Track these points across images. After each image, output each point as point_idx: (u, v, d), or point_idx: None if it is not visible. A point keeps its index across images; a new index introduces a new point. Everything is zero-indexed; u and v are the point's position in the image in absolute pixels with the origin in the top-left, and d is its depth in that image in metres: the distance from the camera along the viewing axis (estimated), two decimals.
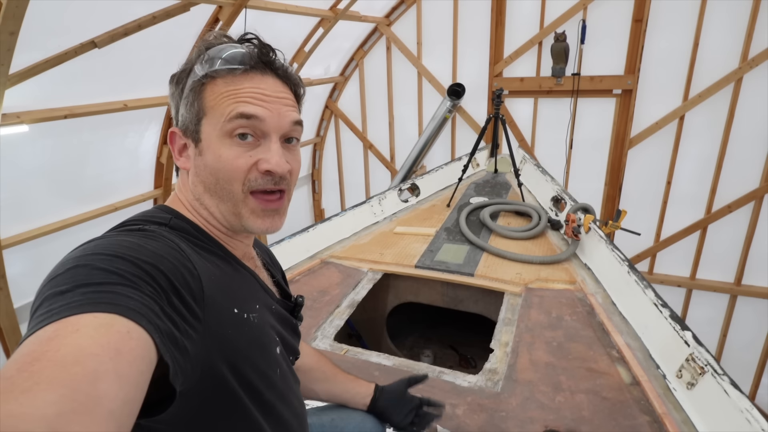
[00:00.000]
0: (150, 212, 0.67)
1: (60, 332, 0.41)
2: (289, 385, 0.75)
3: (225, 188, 0.66)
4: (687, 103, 4.65)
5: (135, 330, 0.44)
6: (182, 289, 0.53)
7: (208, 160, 0.66)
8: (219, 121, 0.65)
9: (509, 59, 5.24)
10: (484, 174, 3.66)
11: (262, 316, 0.69)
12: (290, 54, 4.86)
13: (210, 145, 0.66)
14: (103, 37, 2.73)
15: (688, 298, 5.20)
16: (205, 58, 0.67)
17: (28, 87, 2.59)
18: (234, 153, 0.66)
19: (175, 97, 0.70)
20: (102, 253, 0.50)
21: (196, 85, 0.67)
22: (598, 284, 2.07)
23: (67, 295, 0.44)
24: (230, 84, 0.66)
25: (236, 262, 0.71)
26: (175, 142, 0.71)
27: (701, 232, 4.98)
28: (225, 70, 0.66)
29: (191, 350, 0.51)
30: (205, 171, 0.67)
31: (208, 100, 0.66)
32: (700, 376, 1.37)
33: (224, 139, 0.66)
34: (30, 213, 3.14)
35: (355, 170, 6.83)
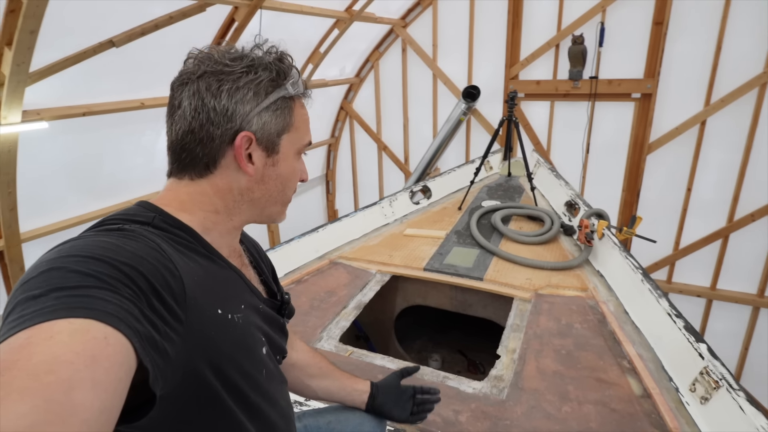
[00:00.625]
0: (131, 210, 0.64)
1: (33, 339, 0.39)
2: (276, 386, 0.74)
3: (286, 194, 0.76)
4: (709, 108, 4.53)
5: (112, 335, 0.42)
6: (163, 291, 0.51)
7: (284, 172, 0.73)
8: (299, 142, 0.75)
9: (525, 62, 5.18)
10: (497, 177, 3.61)
11: (247, 317, 0.68)
12: (305, 55, 4.89)
13: (287, 159, 0.73)
14: (120, 36, 2.78)
15: (708, 309, 5.06)
16: (294, 81, 0.72)
17: (48, 85, 2.66)
18: (299, 168, 0.77)
19: (245, 98, 0.66)
20: (77, 255, 0.49)
21: (288, 102, 0.71)
22: (611, 292, 2.02)
23: (40, 300, 0.43)
24: (302, 108, 0.75)
25: (222, 261, 0.69)
26: (243, 145, 0.67)
27: (722, 241, 4.84)
28: (302, 94, 0.74)
29: (172, 353, 0.50)
30: (277, 180, 0.73)
31: (295, 119, 0.73)
32: (714, 391, 1.32)
33: (297, 156, 0.76)
34: (49, 208, 3.21)
35: (369, 171, 6.83)
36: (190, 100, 0.66)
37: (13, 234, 2.88)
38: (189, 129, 0.66)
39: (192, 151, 0.67)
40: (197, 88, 0.65)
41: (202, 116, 0.65)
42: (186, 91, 0.66)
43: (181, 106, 0.66)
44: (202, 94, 0.65)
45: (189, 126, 0.66)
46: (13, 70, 2.30)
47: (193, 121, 0.66)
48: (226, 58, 0.67)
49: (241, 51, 0.69)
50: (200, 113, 0.65)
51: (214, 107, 0.65)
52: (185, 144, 0.67)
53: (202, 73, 0.66)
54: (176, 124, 0.67)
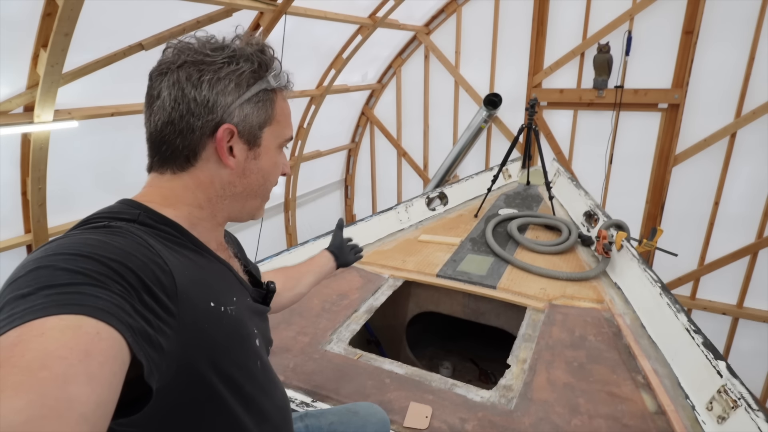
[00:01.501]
0: (115, 208, 0.64)
1: (24, 337, 0.39)
2: (271, 377, 0.75)
3: (267, 188, 0.75)
4: (739, 119, 4.39)
5: (105, 330, 0.42)
6: (153, 286, 0.51)
7: (265, 166, 0.73)
8: (280, 136, 0.74)
9: (549, 70, 5.13)
10: (516, 185, 3.57)
11: (240, 308, 0.68)
12: (328, 60, 4.95)
13: (268, 152, 0.73)
14: (150, 40, 2.87)
15: (734, 328, 4.87)
16: (276, 73, 0.71)
17: (80, 85, 2.77)
18: (281, 161, 0.76)
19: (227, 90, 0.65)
20: (65, 253, 0.48)
21: (269, 95, 0.70)
22: (627, 305, 1.97)
23: (29, 298, 0.42)
24: (283, 101, 0.74)
25: (210, 254, 0.69)
26: (224, 138, 0.66)
27: (751, 258, 4.66)
28: (283, 87, 0.73)
29: (166, 347, 0.50)
30: (258, 174, 0.72)
31: (276, 112, 0.72)
32: (732, 410, 1.27)
33: (278, 149, 0.75)
34: (76, 204, 3.32)
35: (388, 177, 6.85)
36: (169, 91, 0.64)
37: (42, 228, 2.99)
38: (168, 120, 0.64)
39: (172, 143, 0.65)
40: (177, 78, 0.64)
41: (182, 107, 0.64)
42: (165, 81, 0.64)
43: (160, 97, 0.64)
44: (182, 84, 0.63)
45: (168, 117, 0.64)
46: (47, 71, 2.40)
47: (172, 112, 0.64)
48: (207, 48, 0.65)
49: (222, 41, 0.67)
50: (180, 104, 0.64)
51: (194, 98, 0.64)
52: (165, 136, 0.65)
53: (182, 62, 0.64)
54: (155, 114, 0.65)
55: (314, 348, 1.76)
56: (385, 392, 1.51)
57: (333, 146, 6.39)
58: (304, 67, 4.79)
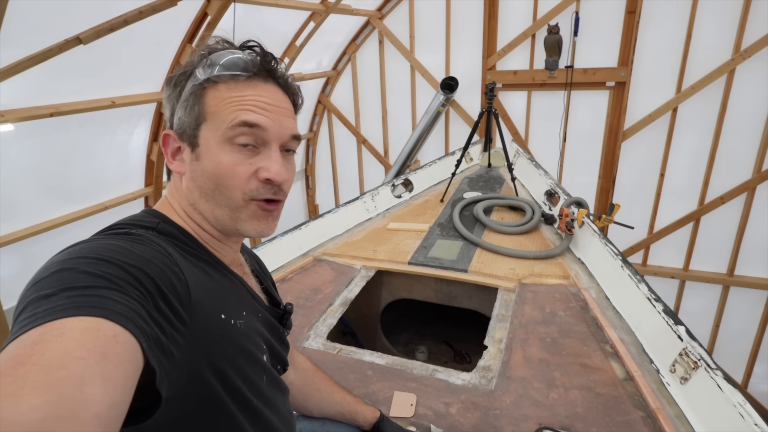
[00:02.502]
0: (137, 216, 0.66)
1: (45, 336, 0.40)
2: (278, 394, 0.74)
3: (224, 194, 0.67)
4: (680, 95, 4.64)
5: (121, 334, 0.43)
6: (169, 294, 0.52)
7: (207, 166, 0.67)
8: (220, 127, 0.66)
9: (502, 52, 5.21)
10: (478, 168, 3.64)
11: (249, 323, 0.68)
12: (281, 49, 4.81)
13: (209, 151, 0.66)
14: (88, 33, 2.67)
15: (681, 290, 5.23)
16: (208, 63, 0.67)
17: (12, 85, 2.54)
18: (234, 160, 0.66)
19: (171, 99, 0.69)
20: (88, 257, 0.50)
21: (197, 89, 0.67)
22: (592, 279, 2.07)
23: (52, 299, 0.44)
24: (232, 90, 0.66)
25: (224, 268, 0.70)
26: (169, 145, 0.70)
27: (694, 224, 5.00)
28: (228, 76, 0.66)
29: (177, 355, 0.51)
30: (203, 176, 0.67)
31: (209, 105, 0.66)
32: (693, 371, 1.37)
33: (224, 145, 0.66)
34: (18, 213, 3.09)
35: (348, 165, 6.79)
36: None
37: None
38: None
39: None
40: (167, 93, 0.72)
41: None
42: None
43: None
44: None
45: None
46: None
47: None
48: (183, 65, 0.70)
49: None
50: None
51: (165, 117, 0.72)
52: None
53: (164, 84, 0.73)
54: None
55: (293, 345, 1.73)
56: (369, 384, 1.51)
57: None
58: None
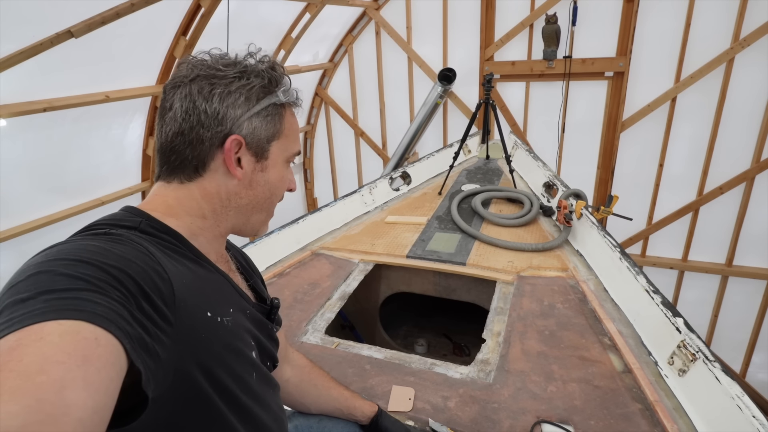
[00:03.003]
0: (117, 215, 0.65)
1: (22, 341, 0.39)
2: (268, 390, 0.74)
3: (273, 202, 0.77)
4: (679, 84, 4.61)
5: (103, 336, 0.42)
6: (152, 293, 0.52)
7: (272, 178, 0.75)
8: (288, 149, 0.76)
9: (500, 42, 5.17)
10: (476, 160, 3.62)
11: (237, 320, 0.68)
12: (277, 41, 4.76)
13: (276, 166, 0.75)
14: (79, 26, 2.63)
15: (680, 280, 5.24)
16: (284, 87, 0.74)
17: (5, 79, 2.51)
18: (288, 176, 0.79)
19: (237, 103, 0.68)
20: (65, 258, 0.49)
21: (278, 110, 0.73)
22: (590, 271, 2.06)
23: (28, 303, 0.43)
24: (293, 117, 0.77)
25: (210, 265, 0.69)
26: (234, 150, 0.70)
27: (693, 214, 4.99)
28: (293, 104, 0.77)
29: (163, 355, 0.50)
30: (264, 186, 0.74)
31: (285, 127, 0.74)
32: (691, 363, 1.36)
33: (285, 164, 0.77)
34: (14, 209, 3.07)
35: (347, 158, 6.76)
36: (181, 103, 0.67)
37: None
38: (179, 131, 0.68)
39: (181, 153, 0.68)
40: (189, 90, 0.67)
41: (193, 118, 0.67)
42: (178, 94, 0.68)
43: (172, 108, 0.68)
44: (194, 97, 0.67)
45: (179, 128, 0.68)
46: None
47: (183, 123, 0.67)
48: (220, 63, 0.69)
49: (234, 58, 0.71)
50: (191, 115, 0.67)
51: (205, 110, 0.67)
52: (175, 146, 0.68)
53: (194, 76, 0.68)
54: (167, 125, 0.69)
55: (290, 341, 1.73)
56: (367, 379, 1.51)
57: None
58: None
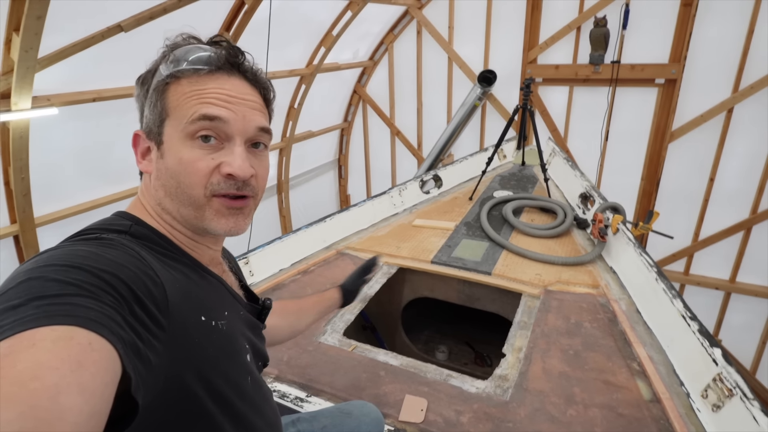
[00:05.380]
0: (108, 220, 0.64)
1: (15, 348, 0.38)
2: (262, 394, 0.73)
3: (186, 192, 0.64)
4: (737, 94, 4.33)
5: (97, 341, 0.42)
6: (144, 298, 0.51)
7: (169, 163, 0.64)
8: (181, 122, 0.63)
9: (544, 45, 5.01)
10: (511, 166, 3.53)
11: (231, 323, 0.67)
12: (318, 38, 4.80)
13: (171, 147, 0.64)
14: (129, 20, 2.75)
15: (726, 302, 4.93)
16: (171, 59, 0.65)
17: (58, 70, 2.66)
18: (195, 155, 0.63)
19: (140, 98, 0.69)
20: (56, 264, 0.48)
21: (159, 85, 0.65)
22: (623, 290, 1.96)
23: (20, 310, 0.42)
24: (194, 84, 0.64)
25: (202, 269, 0.68)
26: (139, 145, 0.69)
27: (744, 233, 4.68)
28: (190, 71, 0.64)
29: (155, 361, 0.50)
30: (167, 174, 0.65)
31: (171, 101, 0.64)
32: (727, 399, 1.27)
33: (186, 141, 0.64)
34: (61, 193, 3.25)
35: (381, 157, 6.77)
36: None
37: (28, 219, 2.93)
38: None
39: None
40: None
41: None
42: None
43: None
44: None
45: None
46: (22, 56, 2.29)
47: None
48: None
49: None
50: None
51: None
52: None
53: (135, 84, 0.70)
54: None
55: (308, 340, 1.74)
56: (380, 385, 1.49)
57: (325, 126, 6.28)
58: (293, 46, 4.64)
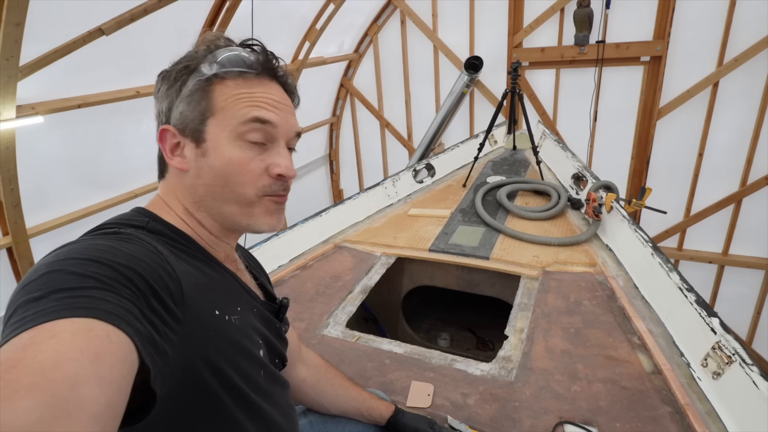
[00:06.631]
0: (126, 215, 0.66)
1: (36, 339, 0.40)
2: (277, 388, 0.74)
3: (235, 191, 0.66)
4: (721, 68, 4.36)
5: (115, 333, 0.43)
6: (161, 292, 0.52)
7: (216, 162, 0.66)
8: (231, 122, 0.66)
9: (529, 28, 5.01)
10: (502, 151, 3.54)
11: (244, 318, 0.68)
12: (301, 32, 4.76)
13: (218, 147, 0.66)
14: (110, 23, 2.71)
15: (719, 275, 5.01)
16: (214, 59, 0.67)
17: (41, 78, 2.62)
18: (246, 156, 0.66)
19: (170, 93, 0.68)
20: (76, 258, 0.49)
21: (203, 85, 0.66)
22: (620, 266, 1.98)
23: (41, 302, 0.43)
24: (241, 87, 0.67)
25: (217, 265, 0.70)
26: (167, 141, 0.68)
27: (735, 206, 4.74)
28: (235, 73, 0.67)
29: (171, 353, 0.51)
30: (211, 173, 0.66)
31: (218, 101, 0.66)
32: (727, 366, 1.29)
33: (236, 141, 0.66)
34: (52, 202, 3.22)
35: (372, 150, 6.75)
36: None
37: (20, 230, 2.90)
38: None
39: (159, 154, 0.71)
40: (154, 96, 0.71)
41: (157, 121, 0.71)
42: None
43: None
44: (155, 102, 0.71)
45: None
46: (3, 65, 2.26)
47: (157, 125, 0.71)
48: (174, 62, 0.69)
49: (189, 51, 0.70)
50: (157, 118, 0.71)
51: (158, 112, 0.70)
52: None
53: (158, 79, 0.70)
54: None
55: (311, 333, 1.74)
56: (386, 373, 1.51)
57: (314, 121, 6.25)
58: (277, 41, 4.60)
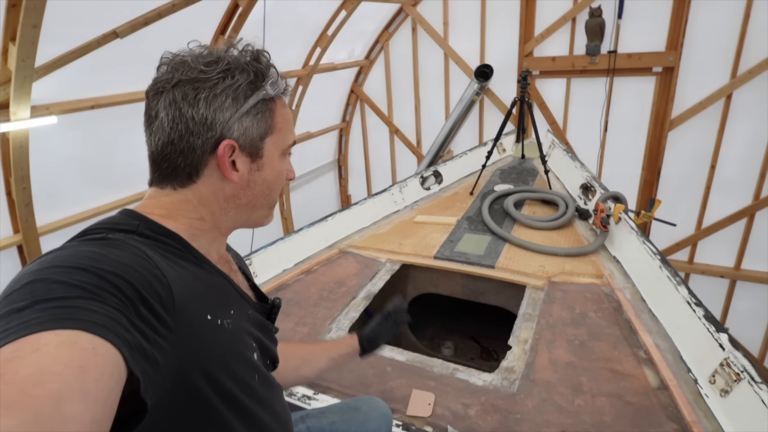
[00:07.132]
0: (115, 219, 0.64)
1: (18, 353, 0.38)
2: (270, 391, 0.73)
3: (273, 197, 0.75)
4: (735, 80, 4.31)
5: (101, 345, 0.41)
6: (150, 299, 0.51)
7: (269, 176, 0.72)
8: (284, 142, 0.73)
9: (540, 37, 5.00)
10: (511, 160, 3.52)
11: (238, 322, 0.67)
12: (313, 38, 4.80)
13: (272, 162, 0.72)
14: (124, 27, 2.75)
15: (731, 290, 4.91)
16: (273, 80, 0.69)
17: (56, 79, 2.66)
18: (284, 168, 0.76)
19: (229, 108, 0.65)
20: (61, 266, 0.48)
21: (268, 104, 0.69)
22: (627, 279, 1.95)
23: (24, 313, 0.42)
24: (284, 108, 0.72)
25: (211, 267, 0.69)
26: (227, 154, 0.66)
27: (748, 220, 4.67)
28: (283, 94, 0.72)
29: (161, 361, 0.50)
30: (263, 185, 0.71)
31: (278, 120, 0.71)
32: (735, 383, 1.26)
33: (282, 157, 0.74)
34: (64, 201, 3.26)
35: (381, 156, 6.77)
36: (167, 111, 0.64)
37: (31, 228, 2.93)
38: (168, 140, 0.64)
39: (173, 161, 0.66)
40: (173, 97, 0.63)
41: (181, 127, 0.64)
42: (162, 101, 0.64)
43: (158, 117, 0.65)
44: (179, 104, 0.63)
45: (168, 137, 0.64)
46: (19, 66, 2.30)
47: (171, 132, 0.64)
48: (201, 63, 0.64)
49: (216, 54, 0.66)
50: (178, 124, 0.64)
51: (192, 117, 0.63)
52: (166, 155, 0.65)
53: (176, 81, 0.63)
54: (155, 135, 0.66)
55: (313, 338, 1.74)
56: (387, 381, 1.50)
57: (323, 126, 6.28)
58: (289, 47, 4.64)
